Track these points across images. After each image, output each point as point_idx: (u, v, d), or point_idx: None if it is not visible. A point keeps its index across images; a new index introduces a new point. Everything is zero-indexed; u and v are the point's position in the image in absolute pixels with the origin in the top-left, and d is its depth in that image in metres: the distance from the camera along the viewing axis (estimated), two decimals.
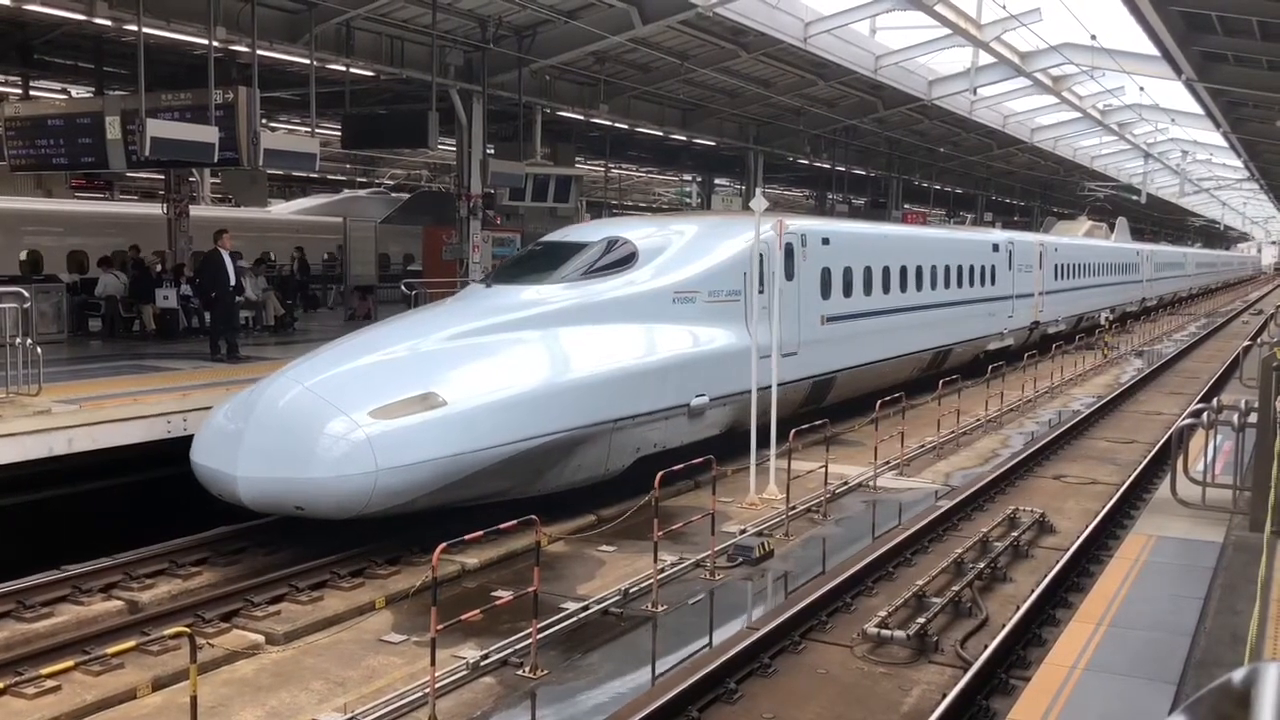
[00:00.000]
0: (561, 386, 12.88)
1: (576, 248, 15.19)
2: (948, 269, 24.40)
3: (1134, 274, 49.40)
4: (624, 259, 14.98)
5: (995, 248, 28.28)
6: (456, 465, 11.33)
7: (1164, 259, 61.22)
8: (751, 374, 14.88)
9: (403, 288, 23.15)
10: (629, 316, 14.39)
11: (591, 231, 16.13)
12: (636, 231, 15.81)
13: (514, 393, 12.32)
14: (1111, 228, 50.94)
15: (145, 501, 12.76)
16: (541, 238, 16.71)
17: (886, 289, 21.05)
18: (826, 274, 18.53)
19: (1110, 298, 43.31)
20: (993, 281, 27.56)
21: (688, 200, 49.86)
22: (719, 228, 16.92)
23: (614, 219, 19.15)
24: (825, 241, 18.42)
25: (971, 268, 26.06)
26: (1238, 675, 1.72)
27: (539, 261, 15.26)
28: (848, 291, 19.39)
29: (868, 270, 20.20)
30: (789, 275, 16.73)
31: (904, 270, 21.96)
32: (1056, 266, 34.07)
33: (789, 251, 16.86)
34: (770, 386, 15.30)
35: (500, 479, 12.00)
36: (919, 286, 22.82)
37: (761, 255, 15.90)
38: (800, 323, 17.12)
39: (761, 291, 15.84)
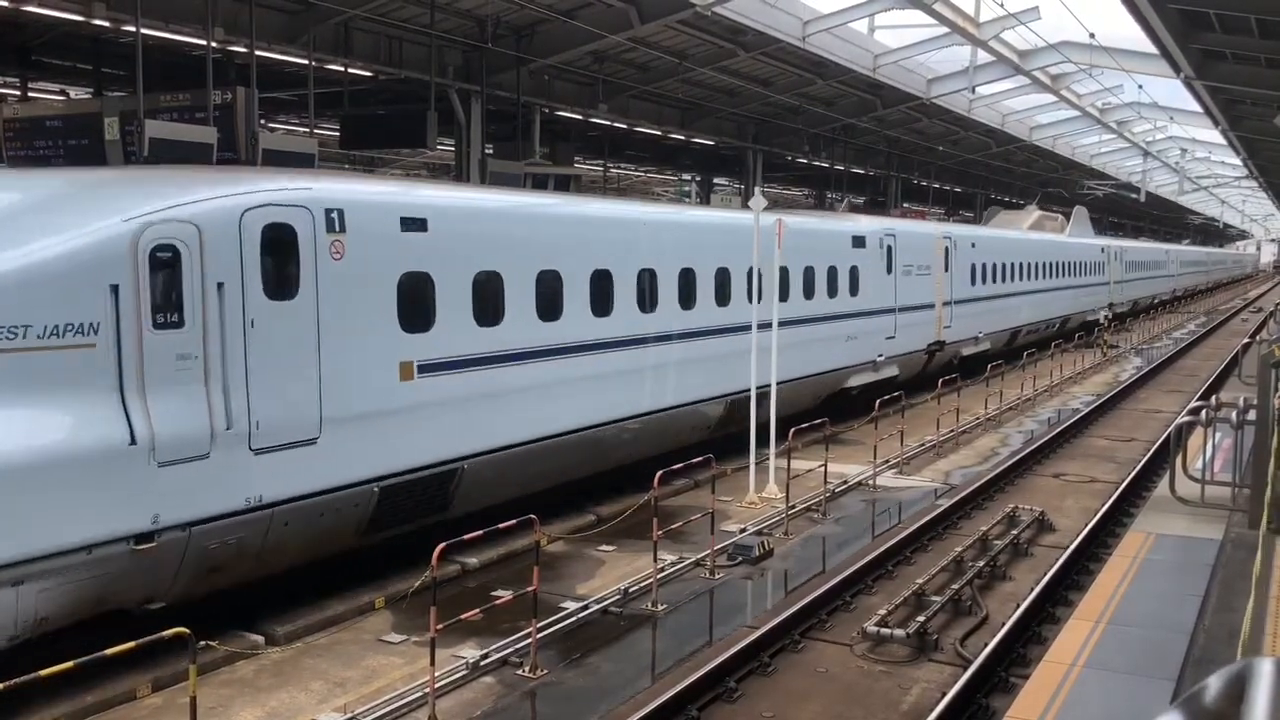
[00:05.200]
0: None
1: None
2: (753, 274, 15.80)
3: (1096, 275, 41.90)
4: None
5: (858, 241, 20.41)
6: None
7: (1138, 257, 52.56)
8: (751, 374, 14.87)
9: None
10: None
11: None
12: None
13: None
14: (1067, 218, 42.63)
15: None
16: None
17: (603, 309, 13.51)
18: (413, 288, 10.76)
19: (1060, 305, 36.28)
20: (853, 289, 19.97)
21: (686, 199, 49.83)
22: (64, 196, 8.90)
23: None
24: (415, 225, 10.74)
25: (809, 271, 18.44)
26: (1230, 671, 1.73)
27: None
28: (486, 315, 11.70)
29: (550, 279, 12.56)
30: (279, 291, 9.41)
31: (647, 278, 14.43)
32: (974, 267, 26.78)
33: (273, 244, 9.40)
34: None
35: None
36: (687, 302, 15.34)
37: (176, 252, 8.67)
38: (327, 381, 9.70)
39: (178, 324, 8.65)
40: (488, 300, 11.75)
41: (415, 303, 10.80)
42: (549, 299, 12.60)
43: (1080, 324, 38.48)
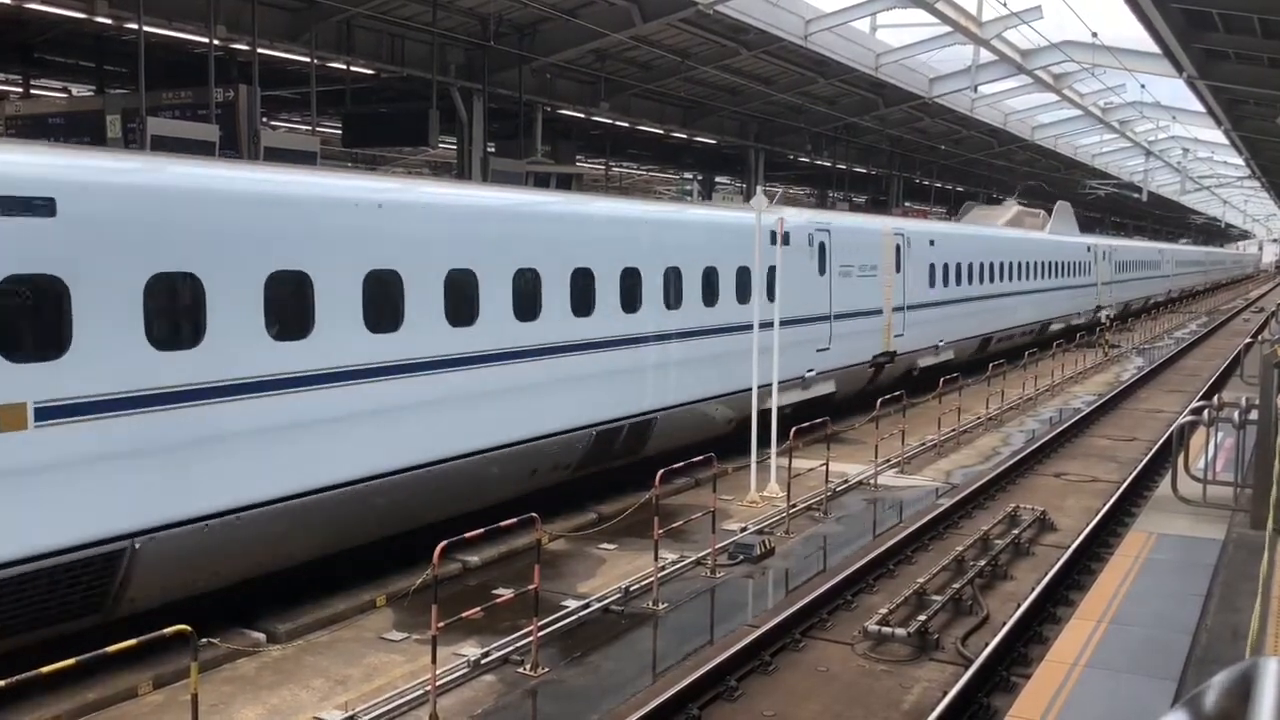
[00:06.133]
0: None
1: None
2: (630, 278, 13.91)
3: (1081, 275, 39.08)
4: None
5: (779, 239, 16.51)
6: None
7: (1130, 256, 49.33)
8: (752, 370, 14.87)
9: None
10: None
11: None
12: None
13: None
14: (1049, 214, 38.87)
15: None
16: None
17: (388, 322, 10.44)
18: (24, 297, 7.83)
19: (1040, 309, 33.42)
20: (772, 294, 16.32)
21: (688, 198, 49.81)
22: None
23: None
24: (30, 208, 7.80)
25: (710, 272, 15.46)
26: (1237, 670, 1.73)
27: None
28: (171, 336, 8.69)
29: (291, 283, 9.53)
30: None
31: (460, 282, 11.26)
32: (933, 268, 24.03)
33: None
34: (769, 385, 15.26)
35: None
36: (528, 313, 12.20)
37: None
38: None
39: None
40: (177, 314, 8.71)
41: (28, 320, 7.76)
42: (289, 311, 9.48)
43: (1064, 329, 35.93)
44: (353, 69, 19.54)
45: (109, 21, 15.88)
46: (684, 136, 30.63)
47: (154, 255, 8.48)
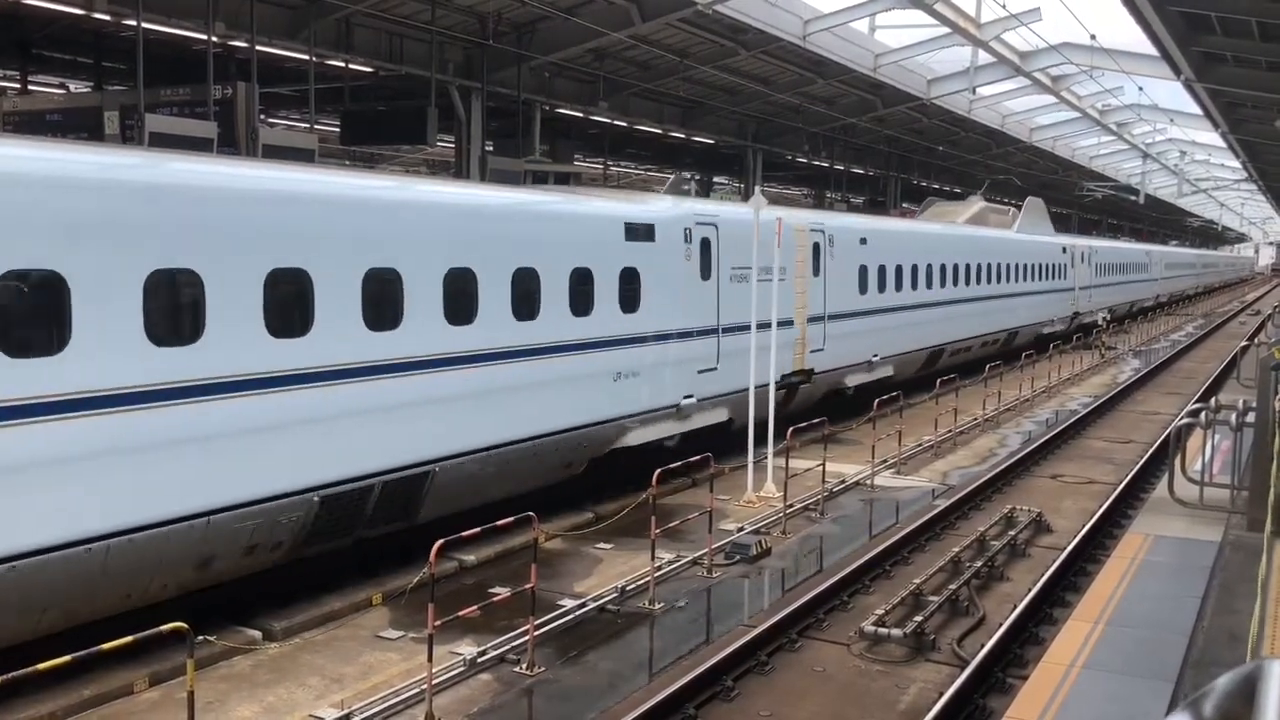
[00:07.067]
0: None
1: None
2: (380, 285, 10.35)
3: (1055, 279, 35.36)
4: None
5: (639, 232, 14.11)
6: None
7: (1112, 258, 45.59)
8: (750, 366, 14.87)
9: None
10: None
11: None
12: None
13: None
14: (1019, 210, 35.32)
15: None
16: None
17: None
18: None
19: (1004, 317, 29.92)
20: (627, 303, 13.79)
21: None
22: None
23: None
24: None
25: (525, 275, 12.13)
26: (1241, 672, 1.72)
27: None
28: None
29: None
30: None
31: (48, 289, 7.77)
32: (864, 270, 20.71)
33: None
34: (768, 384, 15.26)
35: None
36: (177, 331, 8.63)
37: None
38: None
39: None
40: None
41: None
42: None
43: (1034, 338, 32.90)
44: (351, 67, 19.52)
45: (107, 18, 15.86)
46: (682, 136, 30.62)
47: None
